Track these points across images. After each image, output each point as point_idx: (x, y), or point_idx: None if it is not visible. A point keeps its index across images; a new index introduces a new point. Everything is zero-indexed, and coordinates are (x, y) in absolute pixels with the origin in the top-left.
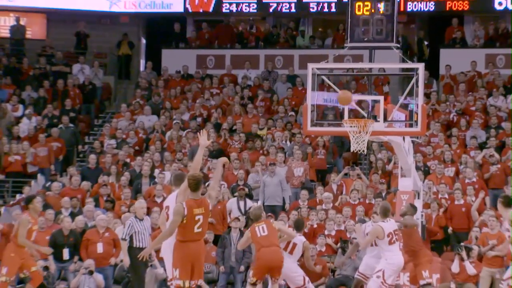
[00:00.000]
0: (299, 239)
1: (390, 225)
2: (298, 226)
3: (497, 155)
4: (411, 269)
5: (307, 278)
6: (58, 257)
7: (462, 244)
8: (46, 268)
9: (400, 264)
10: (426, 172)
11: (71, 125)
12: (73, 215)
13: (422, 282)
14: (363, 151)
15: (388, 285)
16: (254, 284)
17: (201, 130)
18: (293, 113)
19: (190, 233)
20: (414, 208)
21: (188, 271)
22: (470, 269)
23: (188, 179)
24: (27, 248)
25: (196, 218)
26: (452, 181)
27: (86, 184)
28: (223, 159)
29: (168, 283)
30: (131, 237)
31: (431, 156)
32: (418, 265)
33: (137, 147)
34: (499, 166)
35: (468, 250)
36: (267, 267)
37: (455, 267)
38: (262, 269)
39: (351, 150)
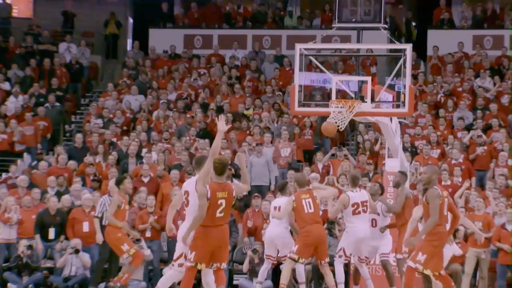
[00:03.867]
0: (280, 201)
1: (358, 195)
2: (282, 188)
3: (485, 136)
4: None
5: None
6: (44, 236)
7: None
8: (30, 246)
9: (361, 236)
10: (413, 153)
11: (57, 104)
12: (59, 194)
13: (398, 256)
14: (340, 127)
15: (352, 257)
16: (296, 261)
17: (220, 115)
18: (280, 93)
19: (212, 217)
20: (404, 175)
21: (205, 255)
22: (456, 250)
23: (214, 162)
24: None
25: (219, 202)
26: (438, 162)
27: (72, 164)
28: (241, 156)
29: (173, 263)
30: (102, 215)
31: (420, 136)
32: (402, 239)
33: (124, 127)
34: (485, 147)
35: (455, 231)
36: (314, 244)
37: None
38: (309, 246)
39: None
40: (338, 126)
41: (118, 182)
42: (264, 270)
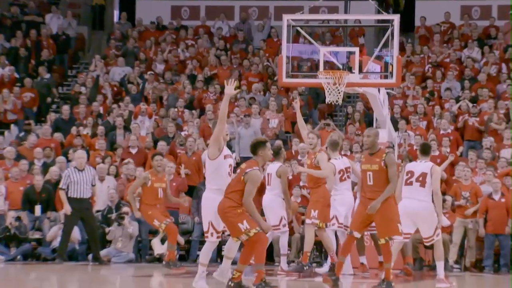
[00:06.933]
0: (273, 167)
1: (341, 162)
2: (277, 152)
3: (478, 107)
4: None
5: (284, 221)
6: (31, 212)
7: None
8: (18, 218)
9: (349, 202)
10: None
11: (47, 75)
12: (46, 166)
13: None
14: (338, 102)
15: (344, 226)
16: (318, 226)
17: (230, 79)
18: (268, 63)
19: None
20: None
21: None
22: (444, 221)
23: None
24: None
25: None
26: (427, 133)
27: (58, 135)
28: None
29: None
30: (68, 187)
31: (412, 110)
32: None
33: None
34: (477, 118)
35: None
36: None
37: None
38: (327, 207)
39: (326, 102)
40: (337, 101)
41: (151, 158)
42: None
